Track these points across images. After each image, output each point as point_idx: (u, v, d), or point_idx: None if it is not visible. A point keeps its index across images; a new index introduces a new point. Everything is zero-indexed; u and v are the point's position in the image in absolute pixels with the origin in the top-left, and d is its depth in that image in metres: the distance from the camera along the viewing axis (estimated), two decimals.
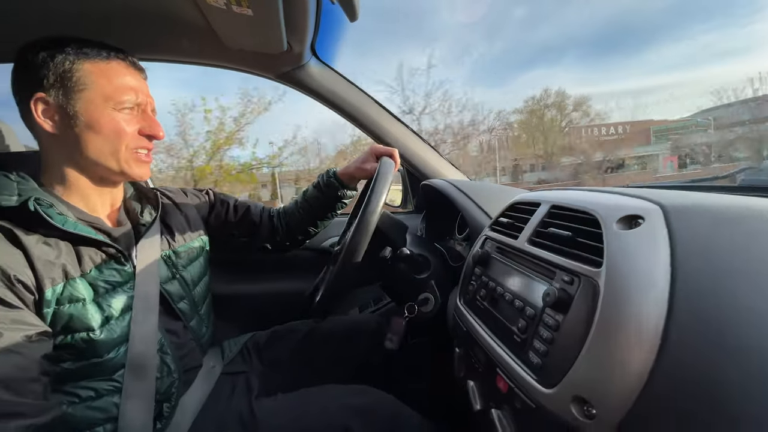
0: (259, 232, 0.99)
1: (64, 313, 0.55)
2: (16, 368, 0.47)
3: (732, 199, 0.44)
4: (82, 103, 0.61)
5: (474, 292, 0.65)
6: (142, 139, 0.67)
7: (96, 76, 0.62)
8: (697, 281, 0.35)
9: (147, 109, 0.68)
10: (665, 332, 0.34)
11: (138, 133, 0.66)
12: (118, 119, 0.63)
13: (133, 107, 0.65)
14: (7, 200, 0.55)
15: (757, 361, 0.31)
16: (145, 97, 0.67)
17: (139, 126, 0.66)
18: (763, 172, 0.73)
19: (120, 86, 0.63)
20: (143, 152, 0.68)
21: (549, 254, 0.49)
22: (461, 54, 41.72)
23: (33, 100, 0.59)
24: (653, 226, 0.39)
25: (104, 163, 0.64)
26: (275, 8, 0.75)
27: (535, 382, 0.43)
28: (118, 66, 0.64)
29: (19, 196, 0.56)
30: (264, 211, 1.01)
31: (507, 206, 0.67)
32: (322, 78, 1.12)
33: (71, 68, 0.60)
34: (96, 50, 0.63)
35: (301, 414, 0.69)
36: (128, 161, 0.65)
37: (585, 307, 0.40)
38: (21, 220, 0.55)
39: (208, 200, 0.94)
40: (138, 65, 0.69)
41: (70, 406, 0.56)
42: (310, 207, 0.98)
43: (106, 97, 0.62)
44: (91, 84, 0.61)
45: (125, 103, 0.64)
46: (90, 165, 0.64)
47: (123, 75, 0.64)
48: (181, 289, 0.75)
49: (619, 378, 0.35)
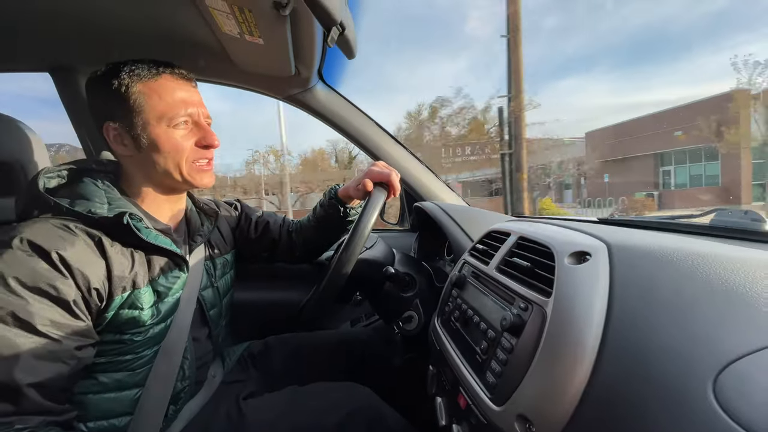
0: (278, 249, 1.00)
1: (123, 316, 0.59)
2: (57, 375, 0.51)
3: (683, 242, 0.48)
4: (141, 125, 0.64)
5: (449, 313, 0.69)
6: (199, 151, 0.70)
7: (147, 96, 0.65)
8: (630, 316, 0.39)
9: (200, 120, 0.70)
10: (597, 360, 0.38)
11: (195, 145, 0.69)
12: (175, 137, 0.66)
13: (187, 121, 0.68)
14: (99, 208, 0.59)
15: (675, 395, 0.34)
16: (196, 107, 0.69)
17: (195, 138, 0.69)
18: (734, 214, 0.76)
19: (171, 102, 0.66)
20: (204, 162, 0.71)
21: (511, 282, 0.53)
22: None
23: (104, 129, 0.65)
24: (597, 262, 0.43)
25: (171, 177, 0.68)
26: (284, 38, 0.82)
27: (489, 400, 0.47)
28: (166, 81, 0.67)
29: (109, 205, 0.61)
30: (283, 227, 1.01)
31: (484, 234, 0.72)
32: (328, 101, 1.18)
33: (127, 93, 0.64)
34: (146, 69, 0.65)
35: (287, 410, 0.72)
36: (190, 173, 0.69)
37: (534, 332, 0.44)
38: (110, 228, 0.59)
39: (237, 214, 0.97)
40: (187, 75, 0.71)
41: (95, 394, 0.59)
42: (319, 225, 0.98)
43: (160, 115, 0.65)
44: (145, 105, 0.64)
45: (178, 118, 0.66)
46: (161, 179, 0.69)
47: (172, 90, 0.67)
48: (214, 297, 0.79)
49: (557, 399, 0.39)
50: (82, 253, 0.55)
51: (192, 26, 0.82)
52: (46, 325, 0.50)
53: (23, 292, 0.50)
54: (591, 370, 0.38)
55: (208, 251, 0.81)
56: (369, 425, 0.69)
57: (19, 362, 0.48)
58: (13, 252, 0.51)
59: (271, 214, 1.03)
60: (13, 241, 0.52)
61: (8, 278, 0.49)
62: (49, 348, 0.50)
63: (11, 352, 0.48)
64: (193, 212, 0.81)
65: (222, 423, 0.71)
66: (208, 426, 0.71)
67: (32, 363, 0.49)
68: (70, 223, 0.57)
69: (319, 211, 0.98)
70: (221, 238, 0.87)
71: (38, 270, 0.51)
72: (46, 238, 0.53)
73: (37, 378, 0.49)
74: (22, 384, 0.48)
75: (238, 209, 0.98)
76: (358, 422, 0.69)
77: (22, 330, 0.49)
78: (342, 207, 0.94)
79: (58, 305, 0.52)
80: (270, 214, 1.03)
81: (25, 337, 0.49)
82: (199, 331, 0.75)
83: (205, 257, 0.78)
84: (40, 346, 0.50)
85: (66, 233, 0.56)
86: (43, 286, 0.51)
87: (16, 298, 0.49)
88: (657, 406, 0.34)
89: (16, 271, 0.50)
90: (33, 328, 0.49)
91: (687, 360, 0.34)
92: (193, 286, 0.72)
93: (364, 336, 1.04)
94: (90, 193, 0.61)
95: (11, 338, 0.48)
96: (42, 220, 0.56)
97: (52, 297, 0.51)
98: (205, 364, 0.78)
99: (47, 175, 0.63)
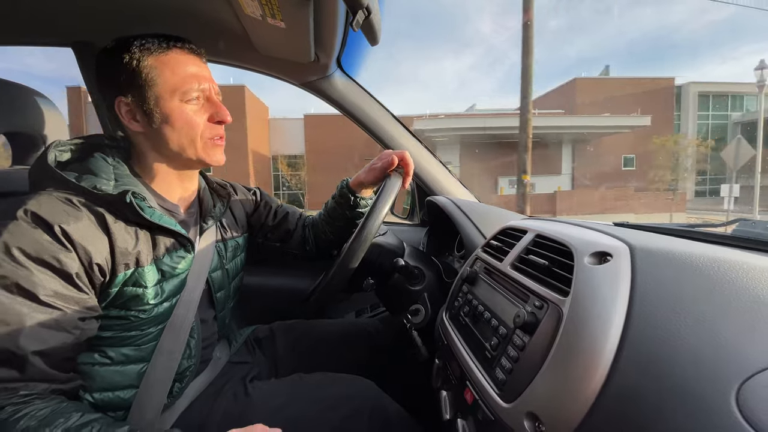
0: (291, 240, 1.01)
1: (126, 293, 0.59)
2: (61, 344, 0.51)
3: (707, 248, 0.47)
4: (154, 99, 0.64)
5: (459, 308, 0.69)
6: (214, 127, 0.69)
7: (160, 70, 0.63)
8: (651, 319, 0.38)
9: (212, 95, 0.69)
10: (614, 364, 0.37)
11: (208, 120, 0.68)
12: (188, 111, 0.65)
13: (199, 96, 0.67)
14: (105, 184, 0.59)
15: (695, 403, 0.33)
16: (208, 82, 0.68)
17: (207, 114, 0.68)
18: (756, 225, 0.74)
19: (183, 76, 0.65)
20: (217, 138, 0.70)
21: (526, 279, 0.52)
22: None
23: (116, 104, 0.65)
24: (619, 263, 0.42)
25: (184, 153, 0.67)
26: (306, 23, 0.81)
27: (497, 396, 0.46)
28: (177, 55, 0.66)
29: (115, 182, 0.61)
30: (300, 220, 1.03)
31: (499, 230, 0.71)
32: (345, 90, 1.17)
33: (138, 66, 0.63)
34: (156, 43, 0.64)
35: (292, 398, 0.72)
36: (205, 149, 0.68)
37: (549, 331, 0.43)
38: (114, 206, 0.59)
39: (255, 200, 0.97)
40: (196, 50, 0.69)
41: (101, 366, 0.60)
42: (331, 218, 0.99)
43: (173, 89, 0.64)
44: (157, 78, 0.63)
45: (191, 92, 0.65)
46: (174, 156, 0.68)
47: (184, 64, 0.66)
48: (222, 279, 0.79)
49: (568, 400, 0.38)
50: (86, 228, 0.55)
51: (215, 6, 0.82)
52: (50, 296, 0.51)
53: (27, 262, 0.50)
54: (608, 371, 0.37)
55: (220, 233, 0.80)
56: (372, 420, 0.70)
57: (24, 330, 0.48)
58: (18, 223, 0.51)
59: (290, 206, 1.04)
60: (18, 213, 0.52)
61: (12, 248, 0.50)
62: (53, 317, 0.51)
63: (16, 320, 0.48)
64: (206, 192, 0.80)
65: (228, 401, 0.72)
66: (214, 403, 0.72)
67: (37, 331, 0.49)
68: (74, 198, 0.57)
69: (331, 203, 0.99)
70: (234, 221, 0.87)
71: (41, 242, 0.51)
72: (50, 212, 0.53)
73: (41, 346, 0.49)
74: (27, 351, 0.48)
75: (257, 195, 0.99)
76: (361, 416, 0.69)
77: (26, 299, 0.49)
78: (353, 197, 0.94)
79: (60, 277, 0.52)
80: (289, 206, 1.04)
81: (29, 307, 0.49)
82: (205, 312, 0.76)
83: (216, 239, 0.78)
84: (44, 315, 0.50)
85: (70, 208, 0.56)
86: (46, 257, 0.51)
87: (21, 268, 0.50)
88: (676, 413, 0.33)
89: (20, 241, 0.50)
90: (36, 297, 0.50)
91: (711, 368, 0.33)
92: (203, 266, 0.72)
93: (370, 327, 1.04)
94: (98, 169, 0.61)
95: (16, 307, 0.48)
96: (47, 194, 0.56)
97: (54, 269, 0.52)
98: (211, 344, 0.78)
99: (59, 148, 0.63)
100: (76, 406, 0.51)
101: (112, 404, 0.61)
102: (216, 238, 0.78)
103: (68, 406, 0.50)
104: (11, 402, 0.46)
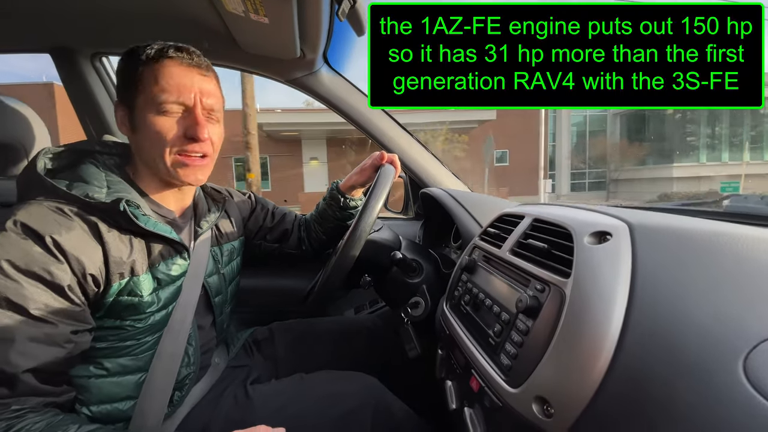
0: (289, 240, 1.01)
1: (121, 303, 0.58)
2: (53, 359, 0.50)
3: (704, 223, 0.47)
4: (137, 108, 0.62)
5: (459, 298, 0.68)
6: (185, 142, 0.63)
7: (147, 79, 0.61)
8: (654, 295, 0.38)
9: (196, 109, 0.63)
10: (620, 343, 0.37)
11: (183, 135, 0.63)
12: (159, 123, 0.61)
13: (177, 109, 0.62)
14: (97, 192, 0.57)
15: (703, 374, 0.33)
16: (194, 95, 0.63)
17: (184, 128, 0.63)
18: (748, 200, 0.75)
19: (165, 87, 0.61)
20: (195, 155, 0.65)
21: (526, 264, 0.52)
22: None
23: (116, 108, 0.65)
24: (619, 242, 0.42)
25: (157, 166, 0.64)
26: (290, 18, 0.80)
27: (504, 382, 0.46)
28: (169, 65, 0.62)
29: (108, 189, 0.59)
30: (296, 220, 1.04)
31: (496, 217, 0.70)
32: (332, 85, 1.16)
33: (131, 74, 0.62)
34: (155, 51, 0.62)
35: (293, 398, 0.71)
36: (174, 165, 0.64)
37: (552, 313, 0.43)
38: (107, 214, 0.57)
39: (250, 203, 0.97)
40: (195, 62, 0.65)
41: (97, 378, 0.58)
42: (323, 219, 1.00)
43: (151, 99, 0.61)
44: (143, 88, 0.61)
45: (166, 104, 0.61)
46: (152, 166, 0.65)
47: (171, 75, 0.62)
48: (219, 284, 0.78)
49: (576, 381, 0.38)
50: (78, 238, 0.54)
51: (196, 4, 0.80)
52: (41, 309, 0.49)
53: (16, 275, 0.48)
54: (614, 349, 0.37)
55: (215, 237, 0.79)
56: (375, 416, 0.69)
57: (14, 346, 0.47)
58: (7, 235, 0.50)
59: (284, 207, 1.05)
60: (6, 224, 0.50)
61: (1, 261, 0.48)
62: (45, 331, 0.49)
63: (6, 335, 0.47)
64: (201, 197, 0.79)
65: (229, 405, 0.71)
66: (216, 408, 0.71)
67: (27, 347, 0.48)
68: (66, 207, 0.55)
69: (321, 204, 1.01)
70: (230, 225, 0.86)
71: (32, 253, 0.50)
72: (41, 222, 0.52)
73: (32, 362, 0.48)
74: (18, 368, 0.47)
75: (252, 199, 0.99)
76: (364, 413, 0.69)
77: (16, 314, 0.48)
78: (343, 198, 0.96)
79: (52, 290, 0.51)
80: (284, 207, 1.05)
81: (19, 321, 0.48)
82: (203, 318, 0.74)
83: (211, 243, 0.77)
84: (35, 329, 0.49)
85: (61, 217, 0.54)
86: (37, 270, 0.50)
87: (10, 282, 0.48)
88: (684, 385, 0.33)
89: (9, 253, 0.49)
90: (27, 312, 0.48)
91: (717, 339, 0.33)
92: (198, 272, 0.71)
93: (369, 323, 1.03)
94: (89, 176, 0.60)
95: (5, 321, 0.47)
96: (37, 203, 0.54)
97: (46, 281, 0.50)
98: (209, 350, 0.77)
99: (48, 155, 0.61)
100: (72, 418, 0.50)
101: (111, 417, 0.59)
102: (211, 243, 0.77)
103: (64, 419, 0.49)
104: (4, 417, 0.45)
